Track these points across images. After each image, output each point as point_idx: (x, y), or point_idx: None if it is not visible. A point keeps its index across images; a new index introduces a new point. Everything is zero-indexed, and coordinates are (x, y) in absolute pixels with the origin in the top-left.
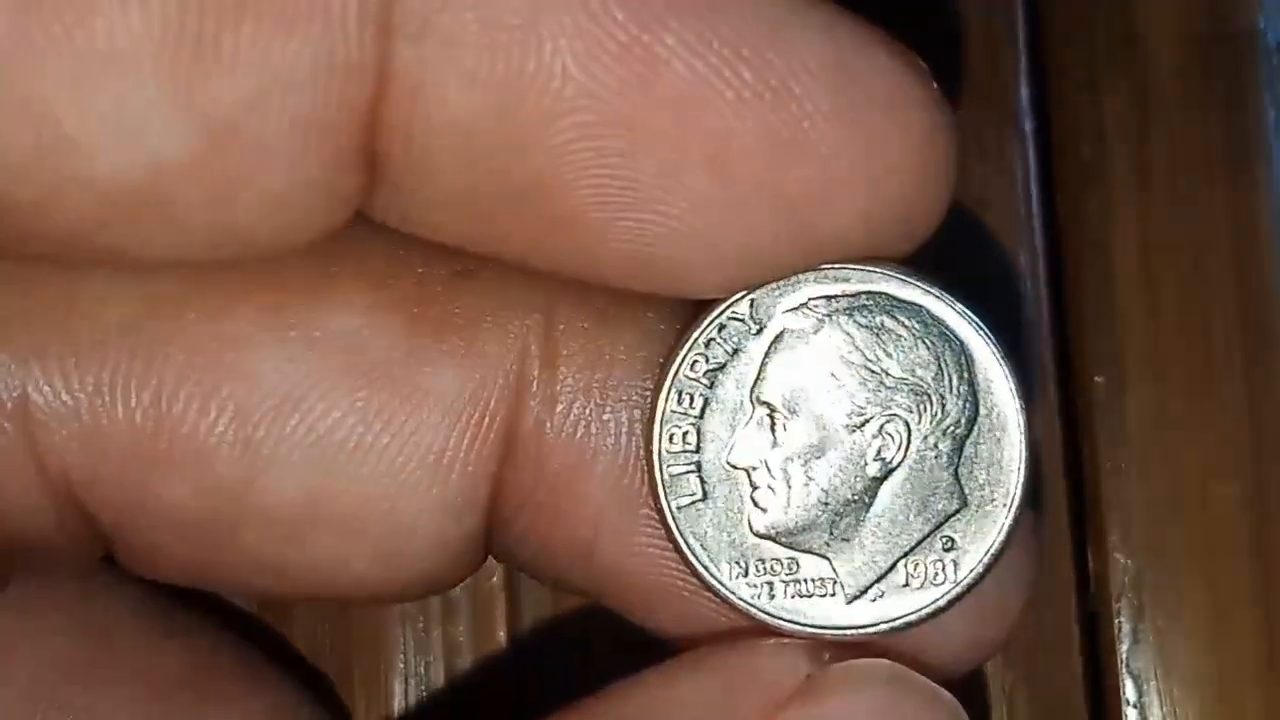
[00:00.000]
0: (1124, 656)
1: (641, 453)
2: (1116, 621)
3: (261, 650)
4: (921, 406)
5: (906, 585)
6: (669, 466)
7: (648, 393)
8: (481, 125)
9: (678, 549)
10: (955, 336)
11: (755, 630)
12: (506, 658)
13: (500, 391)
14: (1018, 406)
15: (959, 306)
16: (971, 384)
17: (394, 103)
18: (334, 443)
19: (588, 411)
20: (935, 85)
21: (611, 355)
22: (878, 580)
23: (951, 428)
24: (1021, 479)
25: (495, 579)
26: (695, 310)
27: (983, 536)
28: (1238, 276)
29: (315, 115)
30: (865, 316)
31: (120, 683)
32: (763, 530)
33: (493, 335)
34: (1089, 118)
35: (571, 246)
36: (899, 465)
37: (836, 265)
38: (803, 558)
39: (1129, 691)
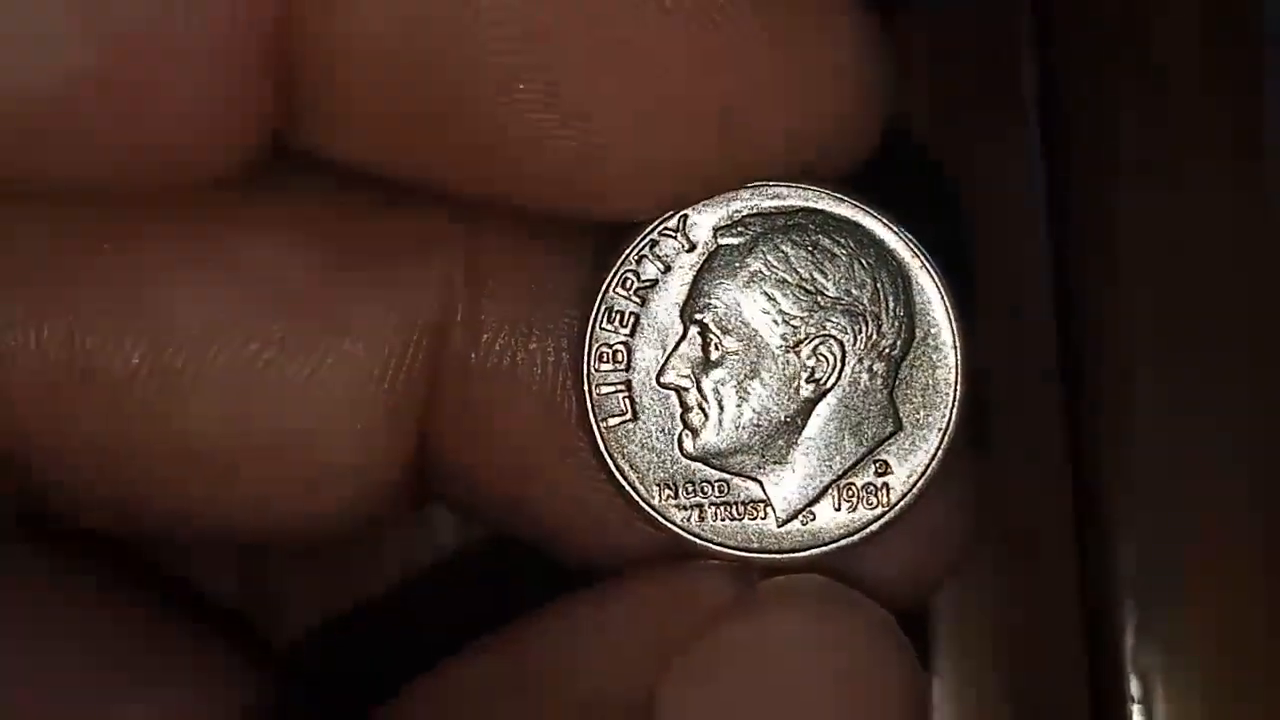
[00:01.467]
0: (1129, 654)
1: (570, 380)
2: (1121, 619)
3: (215, 615)
4: (856, 327)
5: (838, 508)
6: (598, 386)
7: (576, 322)
8: (397, 39)
9: (607, 470)
10: (893, 257)
11: (684, 553)
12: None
13: (423, 322)
14: (954, 330)
15: (897, 227)
16: (909, 306)
17: (305, 14)
18: (253, 374)
19: (514, 341)
20: (861, 4)
21: (538, 284)
22: (810, 503)
23: (887, 350)
24: (956, 403)
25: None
26: (626, 230)
27: (915, 461)
28: (1251, 269)
29: (224, 27)
30: (800, 235)
31: (67, 660)
32: (694, 452)
33: (415, 266)
34: (1095, 100)
35: (494, 167)
36: (833, 387)
37: (771, 182)
38: (734, 480)
39: (1134, 689)
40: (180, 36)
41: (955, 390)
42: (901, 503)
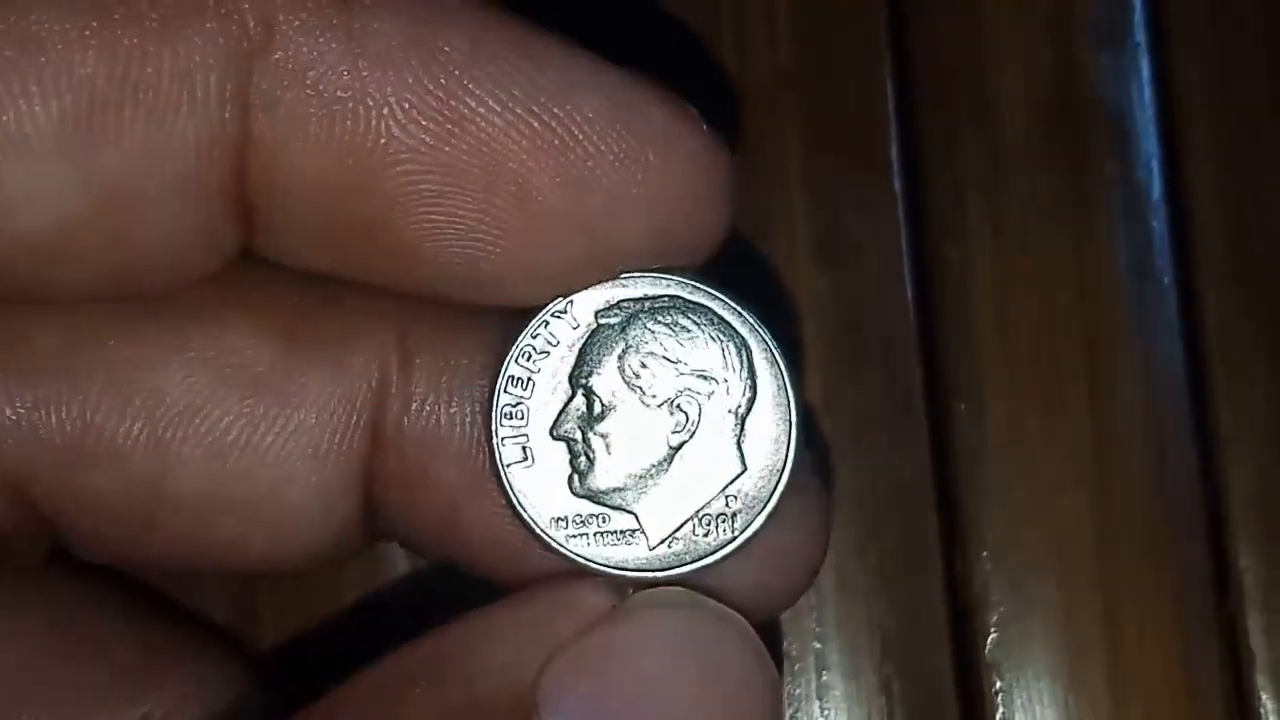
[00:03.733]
0: (988, 649)
1: (482, 437)
2: (980, 617)
3: (206, 630)
4: (709, 389)
5: (696, 534)
6: (503, 441)
7: (487, 383)
8: (328, 178)
9: (510, 506)
10: (736, 332)
11: (572, 572)
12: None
13: (365, 395)
14: (788, 391)
15: (738, 307)
16: (751, 371)
17: (256, 164)
18: (228, 443)
19: (437, 407)
20: (705, 127)
21: (455, 361)
22: (674, 530)
23: (735, 407)
24: (790, 449)
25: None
26: (527, 313)
27: (758, 496)
28: (1083, 313)
29: (190, 177)
30: (664, 315)
31: (82, 666)
32: (580, 491)
33: (358, 349)
34: (949, 174)
35: (413, 271)
36: (692, 437)
37: (639, 274)
38: (613, 513)
39: (994, 680)
40: (155, 187)
41: (789, 438)
42: (749, 529)
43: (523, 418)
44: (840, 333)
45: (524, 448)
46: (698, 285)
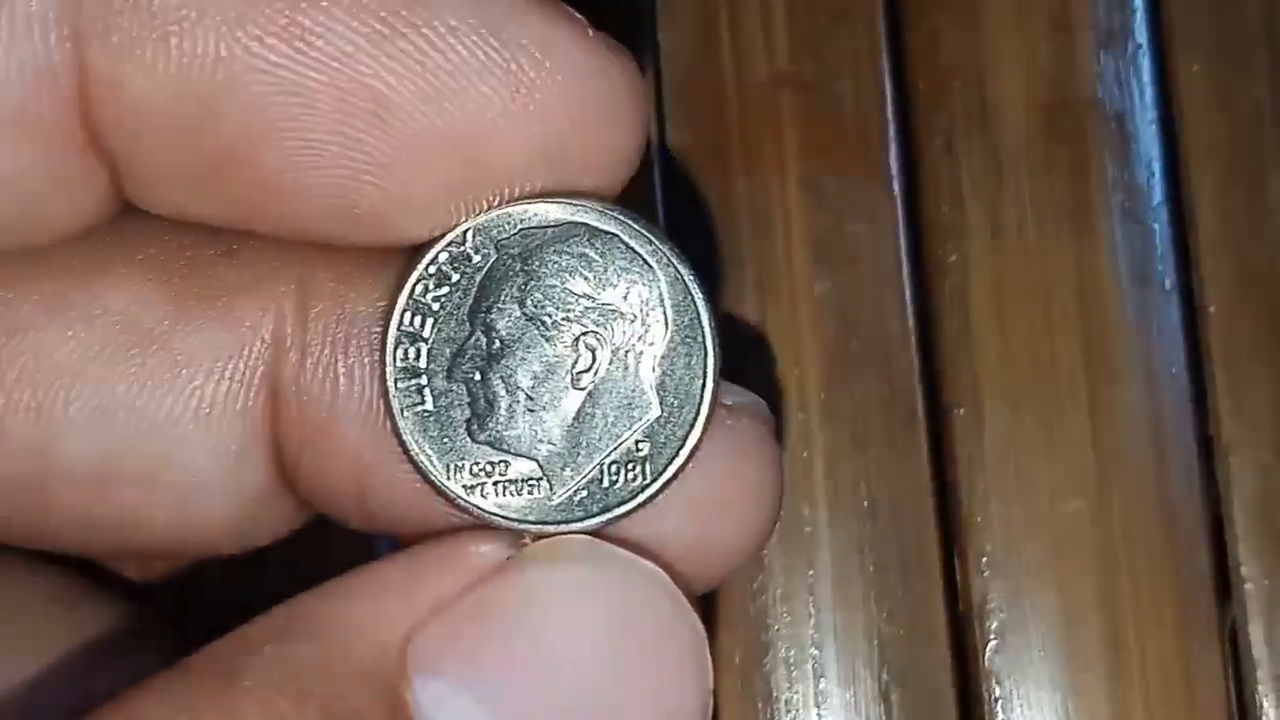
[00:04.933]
0: (987, 657)
1: (381, 388)
2: (980, 624)
3: (143, 617)
4: (618, 326)
5: (606, 483)
6: (399, 385)
7: (382, 336)
8: (174, 107)
9: (406, 454)
10: (648, 263)
11: (469, 526)
12: None
13: (258, 350)
14: (708, 325)
15: (651, 236)
16: (663, 305)
17: (96, 95)
18: (116, 405)
19: (334, 360)
20: (593, 34)
21: (353, 311)
22: (581, 478)
23: (648, 344)
24: (709, 387)
25: None
26: (420, 246)
27: (674, 440)
28: (1082, 317)
29: (23, 114)
30: (570, 245)
31: (23, 653)
32: (482, 438)
33: (249, 303)
34: (949, 179)
35: (281, 207)
36: (602, 378)
37: (542, 199)
38: (515, 460)
39: (993, 688)
40: None
41: (708, 375)
42: (663, 474)
43: (418, 357)
44: (838, 336)
45: (420, 390)
46: (606, 210)
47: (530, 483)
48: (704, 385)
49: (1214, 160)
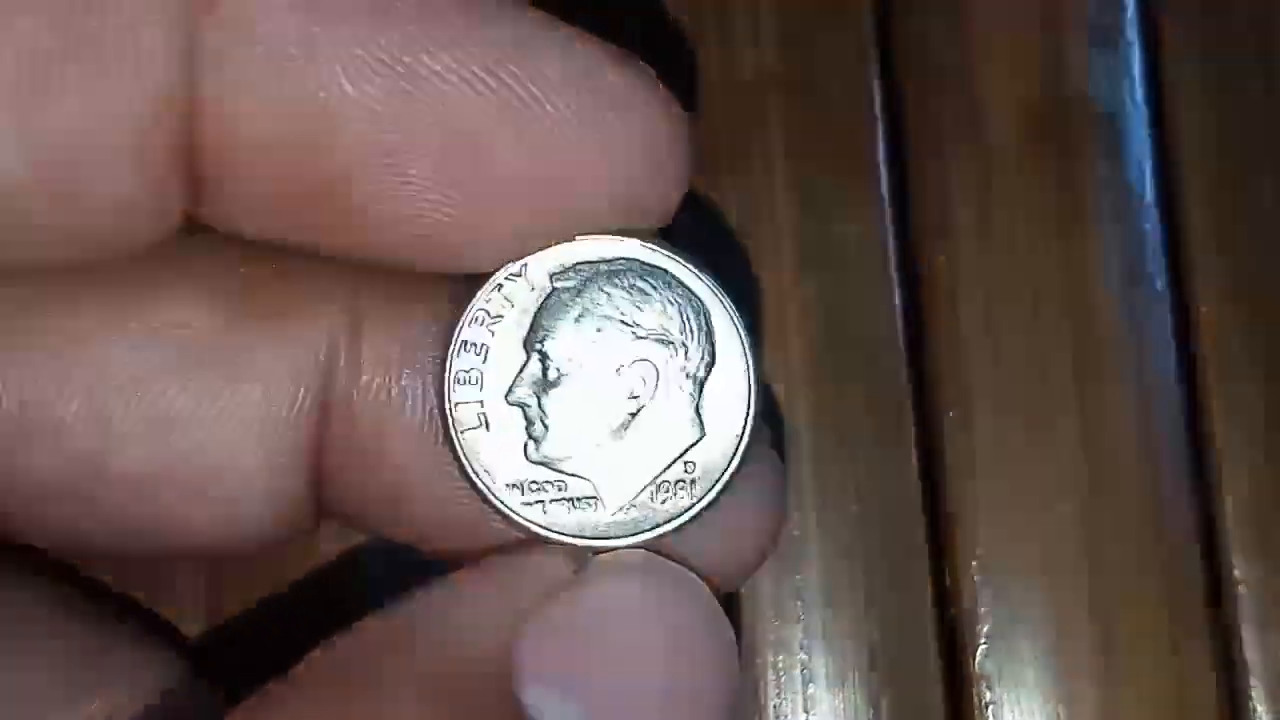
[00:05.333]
0: (977, 661)
1: (436, 407)
2: (970, 628)
3: (149, 625)
4: (667, 354)
5: (654, 502)
6: (456, 405)
7: (439, 359)
8: (278, 139)
9: (466, 476)
10: (694, 295)
11: (528, 543)
12: None
13: (313, 367)
14: (747, 355)
15: (696, 270)
16: (709, 335)
17: (204, 123)
18: (172, 417)
19: (388, 380)
20: (663, 89)
21: (406, 332)
22: (632, 498)
23: (694, 372)
24: (750, 413)
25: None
26: (481, 276)
27: (717, 461)
28: (1072, 319)
29: (137, 137)
30: (620, 278)
31: (29, 666)
32: (536, 458)
33: (305, 320)
34: (938, 179)
35: (363, 237)
36: (649, 402)
37: (594, 236)
38: (570, 479)
39: (984, 692)
40: (101, 146)
41: (749, 403)
42: (708, 495)
43: (477, 383)
44: (826, 339)
45: (478, 414)
46: (655, 248)
47: (582, 501)
48: (746, 411)
49: (1205, 160)
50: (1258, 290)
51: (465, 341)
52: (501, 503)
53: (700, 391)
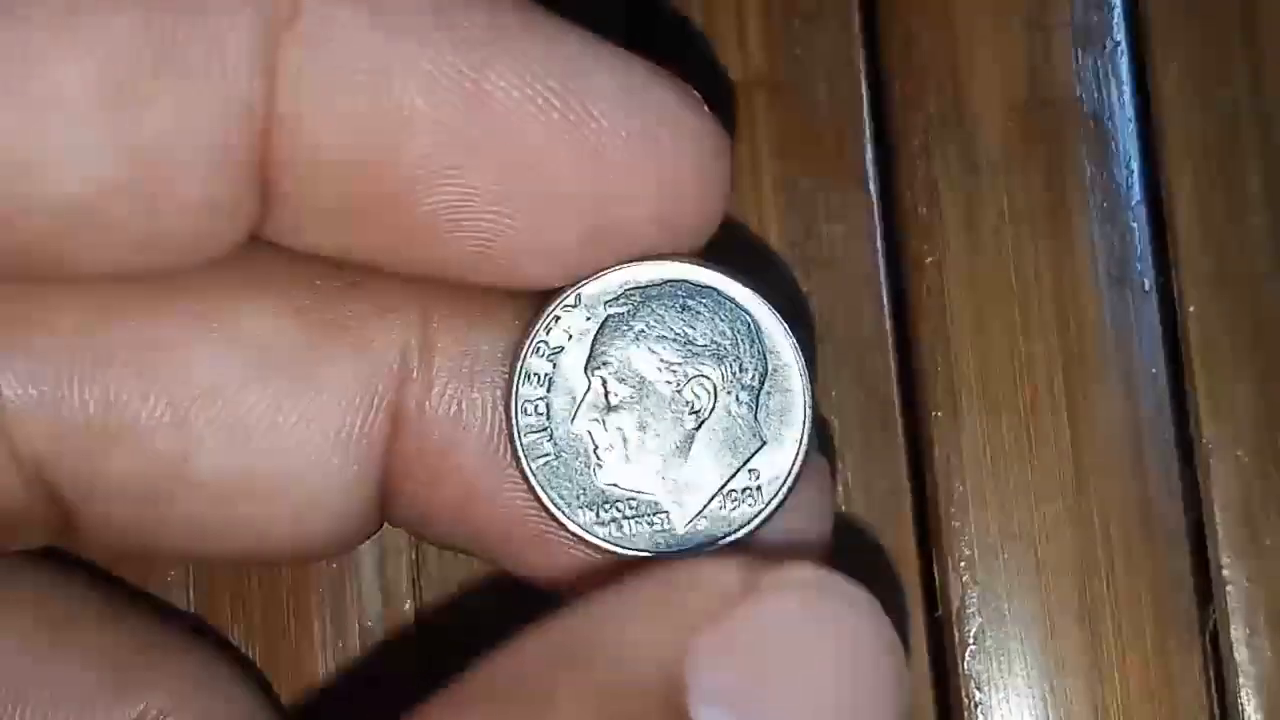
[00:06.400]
0: (966, 660)
1: (504, 425)
2: (958, 628)
3: (195, 630)
4: (722, 368)
5: (723, 509)
6: (525, 434)
7: (506, 375)
8: (349, 149)
9: (539, 501)
10: (744, 310)
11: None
12: (415, 625)
13: (386, 379)
14: (799, 362)
15: (745, 286)
16: (761, 347)
17: (279, 134)
18: (251, 425)
19: (459, 393)
20: (709, 112)
21: (475, 347)
22: (702, 508)
23: (749, 382)
24: (807, 419)
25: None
26: (538, 307)
27: (779, 467)
28: (1060, 318)
29: (220, 145)
30: (671, 299)
31: (81, 664)
32: (606, 480)
33: (378, 333)
34: (925, 180)
35: (424, 250)
36: (709, 416)
37: (644, 260)
38: (641, 496)
39: (973, 692)
40: (185, 153)
41: (806, 408)
42: (774, 500)
43: (543, 413)
44: (814, 339)
45: (545, 442)
46: (702, 266)
47: (653, 516)
48: (804, 416)
49: (1192, 159)
50: (1244, 288)
51: (528, 373)
52: (576, 524)
53: (757, 401)
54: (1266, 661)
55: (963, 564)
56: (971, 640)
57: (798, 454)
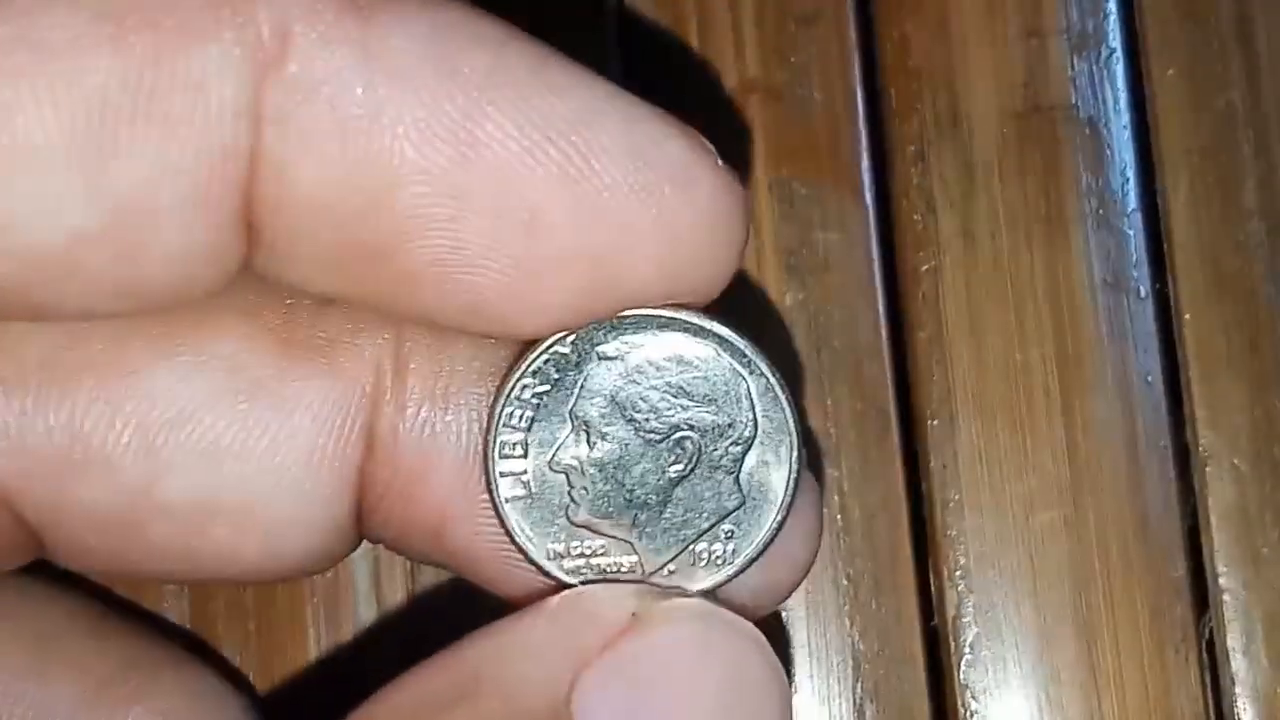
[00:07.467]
0: (962, 669)
1: (479, 449)
2: (954, 638)
3: (183, 644)
4: (711, 424)
5: (695, 565)
6: (500, 471)
7: (483, 398)
8: (336, 197)
9: (509, 535)
10: (741, 368)
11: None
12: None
13: (358, 400)
14: (793, 426)
15: (741, 346)
16: (753, 407)
17: (264, 180)
18: (221, 448)
19: (433, 415)
20: (721, 164)
21: (451, 368)
22: (671, 560)
23: (736, 440)
24: (792, 484)
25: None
26: (525, 349)
27: (756, 529)
28: (1056, 325)
29: (199, 192)
30: (665, 349)
31: (64, 680)
32: (579, 521)
33: (350, 354)
34: (921, 186)
35: (415, 298)
36: (691, 470)
37: (643, 311)
38: (611, 542)
39: (969, 701)
40: (165, 202)
41: (791, 472)
42: (743, 562)
43: (521, 452)
44: (809, 348)
45: (523, 482)
46: (698, 319)
47: (624, 560)
48: (789, 482)
49: (1188, 165)
50: (1241, 295)
51: (510, 411)
52: (545, 567)
53: (742, 460)
54: (1263, 670)
55: (959, 573)
56: (968, 649)
57: (776, 518)
